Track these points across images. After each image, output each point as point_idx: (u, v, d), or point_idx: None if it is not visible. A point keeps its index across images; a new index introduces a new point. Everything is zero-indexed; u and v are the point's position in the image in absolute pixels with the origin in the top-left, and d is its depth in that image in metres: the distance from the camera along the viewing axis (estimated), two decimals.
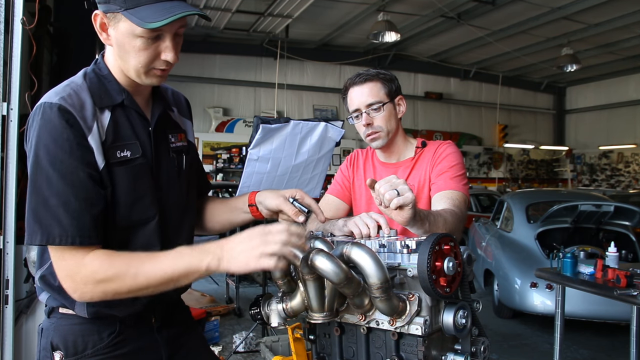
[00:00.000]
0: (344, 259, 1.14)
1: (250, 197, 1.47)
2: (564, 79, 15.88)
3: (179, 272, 1.14)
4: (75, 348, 1.27)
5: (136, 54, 1.19)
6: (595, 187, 15.03)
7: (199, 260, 1.13)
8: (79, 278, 1.15)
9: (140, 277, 1.14)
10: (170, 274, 1.14)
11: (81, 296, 1.17)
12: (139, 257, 1.17)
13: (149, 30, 1.15)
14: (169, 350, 1.39)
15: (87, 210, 1.16)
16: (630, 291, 2.79)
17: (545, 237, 5.36)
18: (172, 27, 1.19)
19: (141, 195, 1.27)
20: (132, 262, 1.15)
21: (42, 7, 3.13)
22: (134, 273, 1.14)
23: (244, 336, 4.37)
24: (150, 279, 1.14)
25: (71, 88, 1.22)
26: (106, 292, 1.15)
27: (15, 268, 2.48)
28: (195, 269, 1.13)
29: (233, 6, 9.17)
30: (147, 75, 1.24)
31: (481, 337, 1.29)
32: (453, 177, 1.73)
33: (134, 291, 1.16)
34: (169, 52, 1.20)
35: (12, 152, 2.47)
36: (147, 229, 1.28)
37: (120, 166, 1.23)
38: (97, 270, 1.14)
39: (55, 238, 1.13)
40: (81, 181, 1.16)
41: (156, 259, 1.15)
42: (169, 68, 1.25)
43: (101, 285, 1.15)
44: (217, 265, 1.12)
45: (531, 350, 4.65)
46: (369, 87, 1.78)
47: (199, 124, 11.73)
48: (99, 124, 1.21)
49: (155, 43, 1.19)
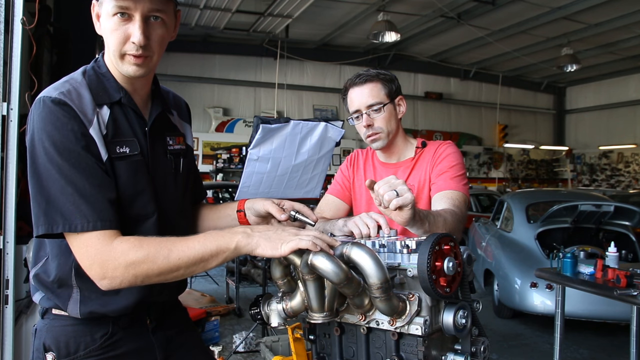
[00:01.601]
0: (344, 259, 1.14)
1: (239, 204, 1.48)
2: (564, 79, 15.89)
3: (210, 251, 1.14)
4: (67, 349, 1.26)
5: (110, 35, 1.21)
6: (595, 187, 15.04)
7: (229, 239, 1.15)
8: (109, 263, 1.13)
9: (172, 257, 1.13)
10: (202, 254, 1.14)
11: (110, 282, 1.15)
12: (168, 239, 1.16)
13: (117, 7, 1.17)
14: (165, 352, 1.38)
15: (103, 195, 1.16)
16: (630, 291, 2.79)
17: (545, 237, 5.36)
18: (138, 5, 1.18)
19: (141, 190, 1.27)
20: (162, 243, 1.15)
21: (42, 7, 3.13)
22: (166, 254, 1.13)
23: (244, 336, 4.37)
24: (182, 259, 1.13)
25: (70, 84, 1.23)
26: (137, 275, 1.13)
27: (15, 268, 2.47)
28: (225, 247, 1.14)
29: (233, 6, 9.17)
30: (122, 60, 1.23)
31: (481, 337, 1.29)
32: (453, 177, 1.73)
33: (165, 273, 1.14)
34: (136, 32, 1.19)
35: (12, 152, 2.47)
36: (146, 225, 1.27)
37: (120, 160, 1.23)
38: (127, 252, 1.13)
39: (77, 225, 1.12)
40: (92, 168, 1.16)
41: (186, 241, 1.16)
42: (144, 55, 1.22)
43: (132, 268, 1.13)
44: (247, 243, 1.14)
45: (531, 350, 4.65)
46: (369, 87, 1.78)
47: (199, 124, 11.73)
48: (99, 118, 1.22)
49: (126, 25, 1.20)
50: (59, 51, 3.94)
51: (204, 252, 1.14)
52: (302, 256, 1.14)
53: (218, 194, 9.96)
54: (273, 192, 4.29)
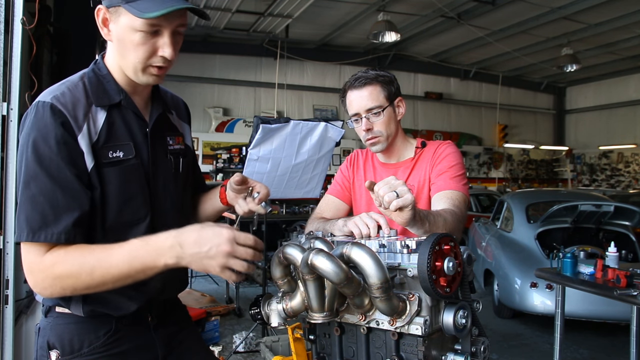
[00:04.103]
0: (344, 259, 1.14)
1: (225, 180, 1.51)
2: (564, 79, 15.88)
3: (135, 269, 1.13)
4: (71, 347, 1.27)
5: (135, 48, 1.20)
6: (595, 187, 15.03)
7: (156, 258, 1.13)
8: (39, 274, 1.15)
9: (96, 274, 1.13)
10: (127, 272, 1.13)
11: (42, 291, 1.18)
12: (94, 252, 1.15)
13: (148, 24, 1.16)
14: (165, 349, 1.39)
15: (74, 208, 1.16)
16: (630, 291, 2.79)
17: (545, 237, 5.36)
18: (170, 23, 1.19)
19: (132, 196, 1.27)
20: (86, 258, 1.14)
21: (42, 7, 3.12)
22: (89, 271, 1.13)
23: (244, 336, 4.37)
24: (105, 276, 1.13)
25: (66, 87, 1.23)
26: (65, 287, 1.15)
27: (15, 268, 2.47)
28: (152, 266, 1.13)
29: (233, 6, 9.17)
30: (144, 72, 1.24)
31: (481, 337, 1.29)
32: (453, 177, 1.73)
33: (92, 287, 1.15)
34: (167, 48, 1.21)
35: (12, 152, 2.47)
36: (137, 230, 1.28)
37: (111, 167, 1.23)
38: (53, 265, 1.14)
39: (40, 235, 1.14)
40: (68, 180, 1.16)
41: (112, 255, 1.14)
42: (167, 66, 1.25)
43: (59, 281, 1.14)
44: (176, 263, 1.13)
45: (531, 350, 4.65)
46: (369, 91, 1.77)
47: (199, 124, 11.72)
48: (91, 123, 1.22)
49: (154, 38, 1.20)
50: (59, 51, 3.94)
51: (130, 270, 1.13)
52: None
53: None
54: (273, 192, 4.30)
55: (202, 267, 1.12)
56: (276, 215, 6.15)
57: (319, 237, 1.32)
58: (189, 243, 1.12)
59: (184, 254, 1.12)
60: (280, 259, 1.27)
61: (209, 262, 1.11)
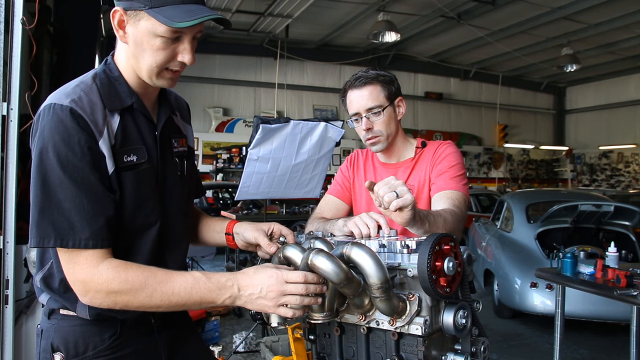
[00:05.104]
0: (344, 259, 1.14)
1: (228, 226, 1.50)
2: (564, 79, 15.89)
3: (194, 301, 1.17)
4: (76, 349, 1.26)
5: (154, 52, 1.19)
6: (595, 187, 15.03)
7: (216, 296, 1.17)
8: (92, 285, 1.15)
9: (155, 297, 1.15)
10: (185, 301, 1.17)
11: (91, 301, 1.18)
12: (156, 275, 1.17)
13: (171, 31, 1.16)
14: (169, 351, 1.39)
15: (100, 214, 1.15)
16: (630, 291, 2.79)
17: (545, 237, 5.36)
18: (192, 30, 1.20)
19: (145, 200, 1.26)
20: (149, 280, 1.16)
21: (42, 7, 3.13)
22: (150, 292, 1.15)
23: (244, 336, 4.37)
24: (164, 301, 1.16)
25: (81, 89, 1.20)
26: (117, 302, 1.16)
27: (15, 268, 2.47)
28: (210, 301, 1.18)
29: (233, 6, 9.19)
30: (158, 76, 1.23)
31: (481, 337, 1.29)
32: (453, 177, 1.72)
33: (145, 307, 1.17)
34: (187, 54, 1.21)
35: (12, 152, 2.47)
36: (149, 234, 1.28)
37: (127, 171, 1.22)
38: (110, 281, 1.14)
39: (69, 241, 1.13)
40: (93, 185, 1.15)
41: (174, 282, 1.16)
42: (181, 70, 1.26)
43: (113, 296, 1.15)
44: (233, 302, 1.18)
45: (531, 350, 4.65)
46: (369, 90, 1.77)
47: (199, 124, 11.74)
48: (109, 127, 1.21)
49: (174, 44, 1.20)
50: (59, 51, 3.94)
51: (188, 300, 1.17)
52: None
53: (218, 194, 9.96)
54: (273, 192, 4.29)
55: (259, 307, 1.18)
56: (276, 215, 6.15)
57: (319, 237, 1.32)
58: (244, 285, 1.17)
59: (241, 295, 1.17)
60: (280, 259, 1.27)
61: (263, 302, 1.17)
